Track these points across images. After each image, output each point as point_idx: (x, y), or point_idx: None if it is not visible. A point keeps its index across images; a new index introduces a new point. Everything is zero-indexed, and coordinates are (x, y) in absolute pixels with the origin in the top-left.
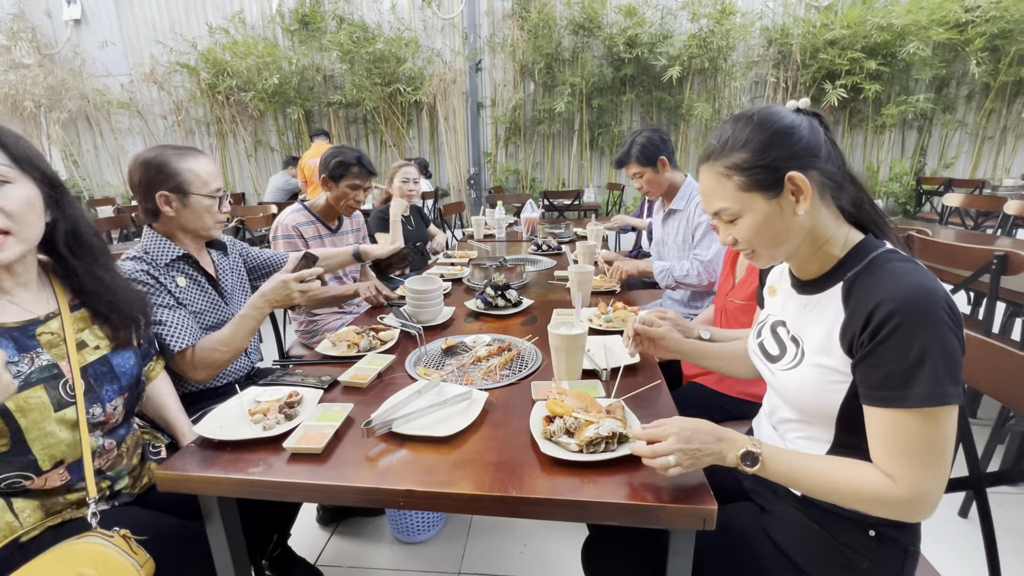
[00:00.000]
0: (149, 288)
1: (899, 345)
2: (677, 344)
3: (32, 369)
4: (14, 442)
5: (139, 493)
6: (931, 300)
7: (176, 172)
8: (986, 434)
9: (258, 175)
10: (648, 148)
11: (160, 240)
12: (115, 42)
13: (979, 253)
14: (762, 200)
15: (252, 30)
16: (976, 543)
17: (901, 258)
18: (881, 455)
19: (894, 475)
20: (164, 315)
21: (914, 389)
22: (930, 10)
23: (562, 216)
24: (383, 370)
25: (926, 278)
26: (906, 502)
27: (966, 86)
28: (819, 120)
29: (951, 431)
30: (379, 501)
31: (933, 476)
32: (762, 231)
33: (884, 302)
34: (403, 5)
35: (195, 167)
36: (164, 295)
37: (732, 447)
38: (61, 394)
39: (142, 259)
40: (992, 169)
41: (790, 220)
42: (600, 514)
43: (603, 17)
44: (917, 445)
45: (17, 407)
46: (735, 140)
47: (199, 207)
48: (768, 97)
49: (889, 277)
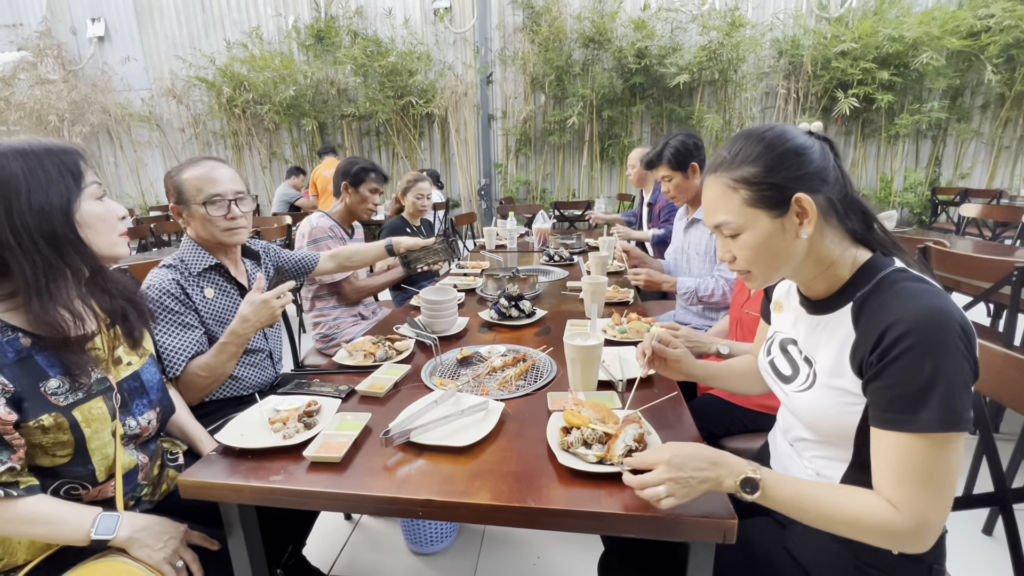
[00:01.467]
0: (175, 302)
1: (909, 368)
2: (690, 368)
3: (92, 381)
4: (76, 452)
5: (158, 500)
6: (945, 323)
7: (178, 184)
8: (1010, 449)
9: (272, 186)
10: (681, 152)
11: (195, 249)
12: (136, 58)
13: (999, 264)
14: (766, 217)
15: (269, 45)
16: (1002, 561)
17: (912, 277)
18: (885, 480)
19: (897, 502)
20: (172, 335)
21: (923, 413)
22: (942, 20)
23: (573, 227)
24: (399, 380)
25: (940, 299)
26: (909, 532)
27: (981, 95)
28: (829, 145)
29: (957, 459)
30: (398, 511)
31: (936, 505)
32: (762, 249)
33: (896, 323)
34: (416, 20)
35: (190, 175)
36: (187, 312)
37: (730, 472)
38: (114, 405)
39: (176, 267)
40: (1010, 179)
41: (791, 241)
42: (618, 526)
43: (613, 31)
44: (922, 471)
45: (84, 418)
46: (746, 154)
47: (199, 216)
48: (779, 108)
49: (900, 298)
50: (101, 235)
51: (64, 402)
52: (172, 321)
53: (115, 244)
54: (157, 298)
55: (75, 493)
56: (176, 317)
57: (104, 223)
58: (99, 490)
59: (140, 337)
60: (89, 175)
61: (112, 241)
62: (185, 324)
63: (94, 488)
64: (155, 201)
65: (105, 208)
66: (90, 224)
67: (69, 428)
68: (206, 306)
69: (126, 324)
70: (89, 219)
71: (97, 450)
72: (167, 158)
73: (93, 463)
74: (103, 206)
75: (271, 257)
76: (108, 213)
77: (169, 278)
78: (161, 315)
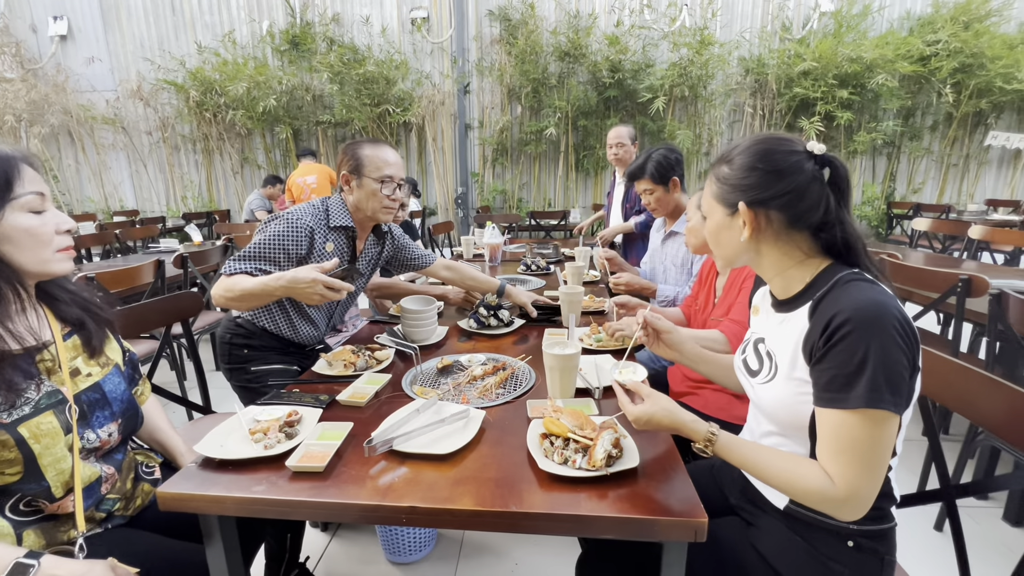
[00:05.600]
0: (293, 244)
1: (846, 350)
2: (679, 344)
3: (40, 395)
4: (28, 470)
5: (132, 515)
6: (881, 312)
7: (359, 157)
8: (957, 449)
9: (244, 193)
10: (663, 166)
11: (343, 208)
12: (101, 58)
13: (946, 276)
14: (721, 211)
15: (242, 50)
16: (951, 555)
17: (863, 279)
18: (822, 454)
19: (832, 473)
20: (259, 256)
21: (853, 391)
22: (895, 45)
23: (548, 236)
24: (380, 389)
25: (884, 296)
26: (840, 500)
27: (931, 116)
28: (831, 169)
29: (887, 438)
30: (382, 518)
31: (866, 477)
32: (713, 236)
33: (840, 312)
34: (393, 29)
35: (372, 153)
36: (285, 262)
37: (692, 434)
38: (68, 418)
39: (319, 215)
40: (957, 195)
41: (735, 239)
42: (597, 528)
43: (588, 46)
44: (853, 446)
45: (31, 434)
46: (730, 154)
47: (368, 189)
48: (746, 124)
49: (848, 293)
50: (27, 251)
51: (8, 419)
52: (269, 252)
53: (47, 261)
54: (283, 231)
55: (35, 505)
56: (274, 254)
57: (33, 238)
58: (58, 505)
59: (100, 346)
60: (24, 185)
61: (43, 258)
62: (272, 262)
63: (53, 504)
64: (119, 205)
65: (40, 222)
66: (13, 239)
67: (15, 445)
68: (319, 256)
69: (84, 333)
70: (12, 233)
71: (50, 466)
72: (132, 161)
73: (47, 479)
74: (36, 219)
75: (395, 242)
76: (42, 227)
77: (307, 223)
78: (272, 242)
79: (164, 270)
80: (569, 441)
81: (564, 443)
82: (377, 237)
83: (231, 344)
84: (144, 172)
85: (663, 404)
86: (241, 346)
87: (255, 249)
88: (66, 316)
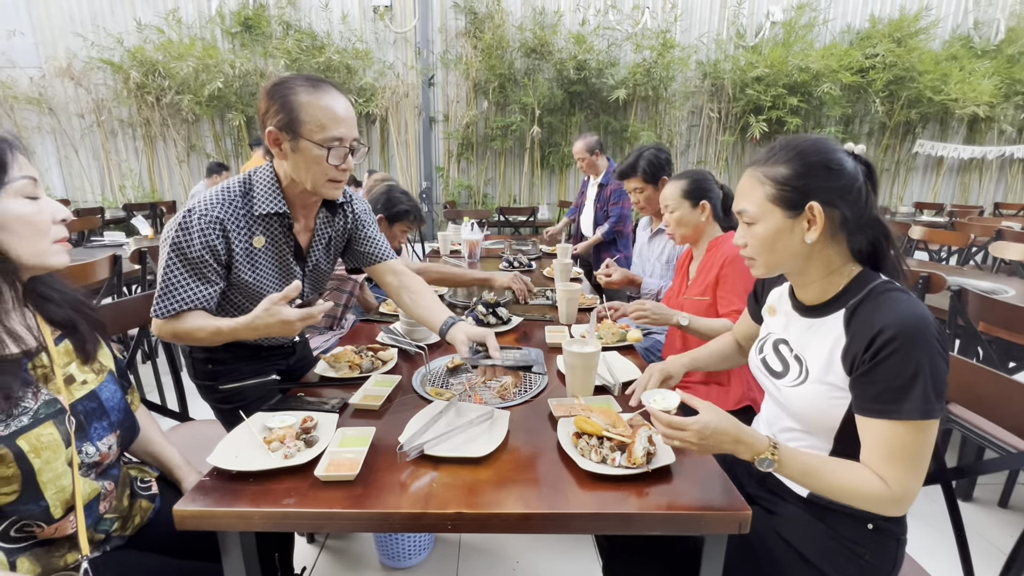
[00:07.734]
0: (206, 251)
1: (896, 365)
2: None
3: (39, 404)
4: (26, 488)
5: (130, 535)
6: (925, 326)
7: (292, 106)
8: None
9: (191, 182)
10: (654, 166)
11: (272, 188)
12: (24, 32)
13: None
14: (780, 215)
15: (188, 30)
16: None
17: (896, 288)
18: (873, 460)
19: (886, 478)
20: (180, 276)
21: (906, 404)
22: (838, 56)
23: (517, 232)
24: (392, 391)
25: (919, 307)
26: (895, 500)
27: (867, 124)
28: (868, 170)
29: (933, 440)
30: (426, 526)
31: (917, 478)
32: (768, 242)
33: (886, 327)
34: (354, 16)
35: (312, 101)
36: (210, 267)
37: (749, 450)
38: (68, 429)
39: (230, 204)
40: (889, 198)
41: (796, 242)
42: (644, 524)
43: (554, 43)
44: (904, 452)
45: (31, 447)
46: (783, 156)
47: (309, 155)
48: (704, 126)
49: (889, 305)
50: (24, 241)
51: (5, 431)
52: (189, 265)
53: (44, 252)
54: (187, 239)
55: (28, 530)
56: (194, 265)
57: (30, 227)
58: (56, 527)
59: (93, 351)
60: (19, 169)
61: (40, 249)
62: (202, 276)
63: (50, 526)
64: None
65: (36, 209)
66: (9, 227)
67: (14, 460)
68: (247, 255)
69: (76, 337)
70: (8, 221)
71: (50, 483)
72: (61, 146)
73: (47, 498)
74: (32, 206)
75: (356, 218)
76: (39, 215)
77: (214, 217)
78: (179, 252)
79: (121, 266)
80: (603, 440)
81: (599, 441)
82: (331, 212)
83: (193, 358)
84: (75, 158)
85: (720, 412)
86: (204, 360)
87: (169, 278)
88: (56, 318)
